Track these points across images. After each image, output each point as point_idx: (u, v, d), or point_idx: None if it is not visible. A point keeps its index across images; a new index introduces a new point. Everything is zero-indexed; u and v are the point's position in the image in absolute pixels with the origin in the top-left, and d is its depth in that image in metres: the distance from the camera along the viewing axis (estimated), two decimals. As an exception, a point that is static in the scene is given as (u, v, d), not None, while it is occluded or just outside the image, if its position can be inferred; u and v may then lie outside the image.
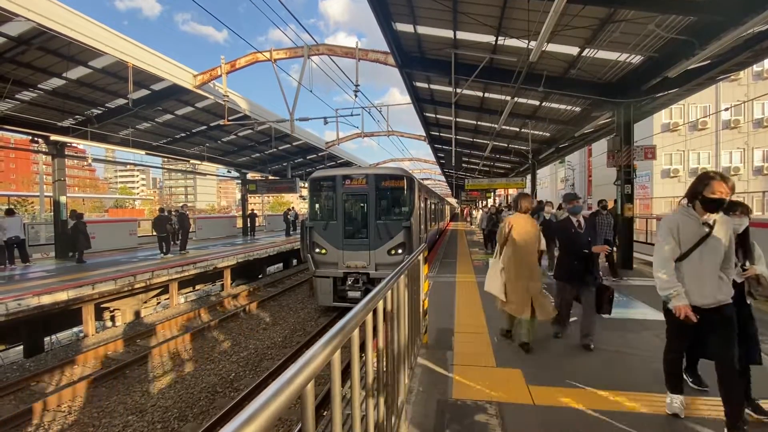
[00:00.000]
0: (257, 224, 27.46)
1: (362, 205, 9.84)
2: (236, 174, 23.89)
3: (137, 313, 10.83)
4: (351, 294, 9.34)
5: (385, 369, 2.30)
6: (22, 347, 8.62)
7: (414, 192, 9.87)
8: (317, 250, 9.75)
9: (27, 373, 7.13)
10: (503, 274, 4.55)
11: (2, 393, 6.41)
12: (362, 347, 1.81)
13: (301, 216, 21.71)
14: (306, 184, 10.76)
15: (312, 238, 9.81)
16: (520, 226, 4.60)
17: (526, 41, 7.51)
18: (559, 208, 13.56)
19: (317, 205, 10.21)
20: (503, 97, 11.44)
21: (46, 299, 8.11)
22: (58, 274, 10.71)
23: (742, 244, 3.06)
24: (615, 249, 8.92)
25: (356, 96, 10.96)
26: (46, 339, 9.24)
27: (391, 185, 9.77)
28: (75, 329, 9.93)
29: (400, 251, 9.33)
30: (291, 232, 23.22)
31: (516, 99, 10.02)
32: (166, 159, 20.89)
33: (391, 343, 2.45)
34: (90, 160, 18.67)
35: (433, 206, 17.02)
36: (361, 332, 1.71)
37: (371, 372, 1.88)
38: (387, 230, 9.46)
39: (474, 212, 38.16)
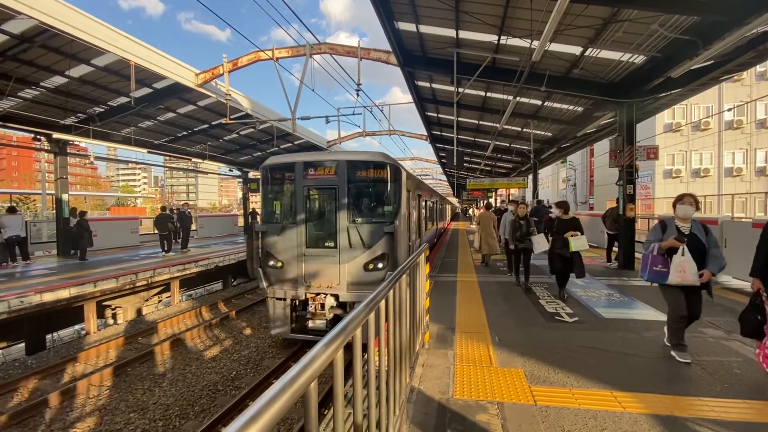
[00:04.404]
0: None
1: (330, 202, 7.53)
2: (238, 172, 23.93)
3: (139, 311, 10.86)
4: (313, 324, 7.19)
5: (386, 368, 2.30)
6: (24, 344, 8.66)
7: (401, 185, 7.53)
8: (271, 262, 7.48)
9: (29, 371, 7.16)
10: (478, 238, 9.98)
11: (4, 390, 6.44)
12: (364, 346, 1.81)
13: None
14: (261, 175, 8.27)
15: (264, 247, 7.63)
16: (483, 216, 10.15)
17: (529, 41, 7.50)
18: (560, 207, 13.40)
19: (272, 203, 8.00)
20: (505, 97, 11.42)
21: (49, 297, 8.14)
22: (60, 271, 10.75)
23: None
24: None
25: (358, 95, 10.96)
26: (48, 336, 9.27)
27: (370, 176, 7.45)
28: (77, 327, 9.96)
29: (380, 266, 7.04)
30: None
31: (518, 98, 9.99)
32: (167, 157, 20.93)
33: (393, 342, 2.45)
34: (92, 158, 18.69)
35: (429, 205, 14.43)
36: (363, 331, 1.71)
37: (373, 371, 1.89)
38: (363, 237, 7.13)
39: (476, 211, 35.69)
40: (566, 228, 6.36)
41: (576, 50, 8.27)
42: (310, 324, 7.21)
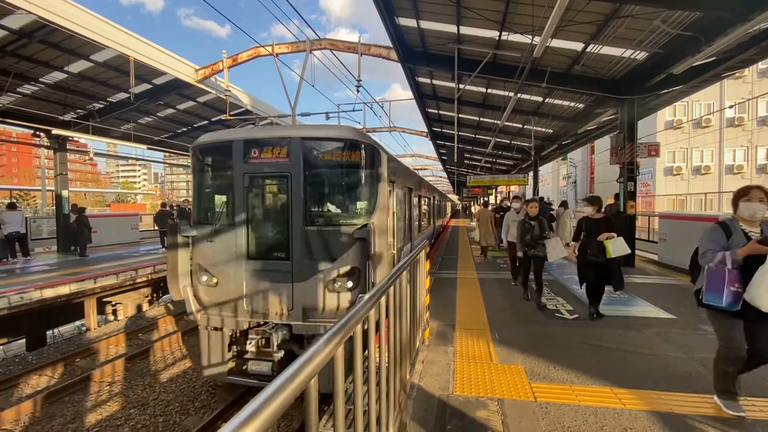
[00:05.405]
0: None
1: (281, 195, 5.62)
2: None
3: (139, 308, 10.87)
4: (254, 367, 5.19)
5: (386, 364, 2.30)
6: (24, 340, 8.67)
7: (380, 173, 5.59)
8: (204, 278, 5.59)
9: (29, 367, 7.18)
10: (478, 233, 11.77)
11: (5, 386, 6.46)
12: (364, 342, 1.81)
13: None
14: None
15: (194, 257, 5.71)
16: (482, 214, 11.80)
17: (530, 37, 7.46)
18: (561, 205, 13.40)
19: (206, 197, 6.07)
20: (506, 93, 11.38)
21: (49, 293, 8.14)
22: (60, 268, 10.75)
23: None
24: None
25: (358, 91, 10.91)
26: (49, 332, 9.29)
27: (336, 159, 5.53)
28: (77, 323, 9.98)
29: (349, 284, 5.16)
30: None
31: (519, 95, 9.97)
32: (167, 153, 20.87)
33: (393, 338, 2.45)
34: (92, 155, 18.69)
35: (424, 201, 12.31)
36: (363, 327, 1.71)
37: (373, 367, 1.88)
38: (326, 244, 5.24)
39: (476, 208, 35.60)
40: (599, 229, 5.24)
41: (578, 46, 8.23)
42: (251, 366, 5.20)
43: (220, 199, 5.97)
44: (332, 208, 5.70)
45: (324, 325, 5.08)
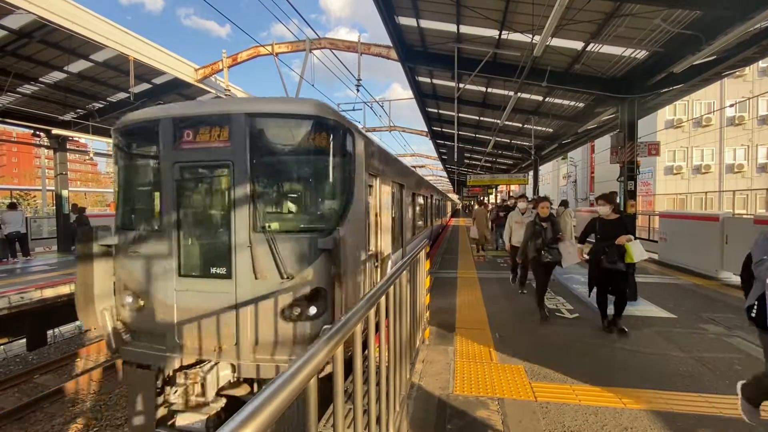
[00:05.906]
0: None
1: (221, 192, 4.17)
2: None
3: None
4: (183, 421, 3.97)
5: (386, 364, 2.30)
6: (25, 340, 8.67)
7: (355, 161, 4.35)
8: (128, 299, 4.25)
9: (30, 366, 7.18)
10: (475, 230, 11.90)
11: (6, 386, 6.46)
12: (364, 342, 1.80)
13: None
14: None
15: (115, 272, 4.35)
16: (478, 212, 12.11)
17: (530, 36, 7.44)
18: (562, 205, 13.44)
19: (129, 193, 4.67)
20: (506, 93, 11.37)
21: (49, 293, 8.14)
22: (61, 267, 10.75)
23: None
24: None
25: (358, 91, 10.91)
26: (49, 332, 9.29)
27: (294, 143, 4.14)
28: (77, 323, 9.97)
29: (312, 311, 3.83)
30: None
31: (519, 94, 9.95)
32: (167, 153, 20.91)
33: (393, 338, 2.44)
34: (92, 154, 18.67)
35: (419, 199, 10.99)
36: (363, 327, 1.70)
37: (373, 367, 1.88)
38: (280, 257, 3.83)
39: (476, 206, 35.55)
40: (614, 231, 4.58)
41: (578, 45, 8.22)
42: (178, 421, 3.97)
43: (146, 196, 4.63)
44: (289, 208, 4.35)
45: (278, 365, 3.80)
